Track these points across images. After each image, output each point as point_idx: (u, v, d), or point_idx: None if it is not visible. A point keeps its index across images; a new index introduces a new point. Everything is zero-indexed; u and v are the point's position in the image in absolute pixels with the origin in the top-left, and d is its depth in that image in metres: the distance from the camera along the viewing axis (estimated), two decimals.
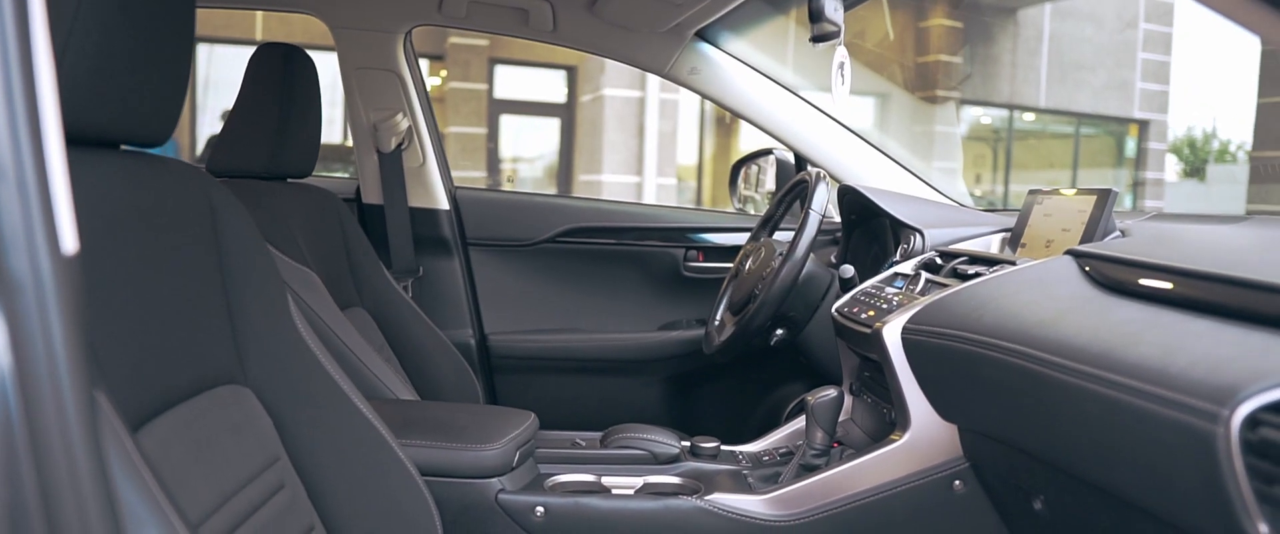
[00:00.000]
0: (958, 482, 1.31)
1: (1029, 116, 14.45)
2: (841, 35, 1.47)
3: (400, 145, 2.18)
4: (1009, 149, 14.33)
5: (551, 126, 12.56)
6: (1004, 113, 14.20)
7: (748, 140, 12.51)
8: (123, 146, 0.98)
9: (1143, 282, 1.05)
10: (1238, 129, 16.70)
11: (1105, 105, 14.22)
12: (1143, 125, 14.43)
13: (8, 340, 0.53)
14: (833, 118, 2.17)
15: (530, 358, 2.27)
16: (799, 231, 1.65)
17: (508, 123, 12.27)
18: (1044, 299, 1.13)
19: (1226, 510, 0.74)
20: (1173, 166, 15.89)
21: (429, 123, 2.24)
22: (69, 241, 0.55)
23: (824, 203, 1.70)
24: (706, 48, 2.15)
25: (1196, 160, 16.94)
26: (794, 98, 2.16)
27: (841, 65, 1.55)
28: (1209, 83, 17.04)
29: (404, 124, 2.16)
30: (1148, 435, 0.83)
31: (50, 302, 0.53)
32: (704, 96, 2.19)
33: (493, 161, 12.02)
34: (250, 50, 1.71)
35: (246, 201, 1.30)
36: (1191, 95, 16.02)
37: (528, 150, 12.86)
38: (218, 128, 7.72)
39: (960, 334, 1.18)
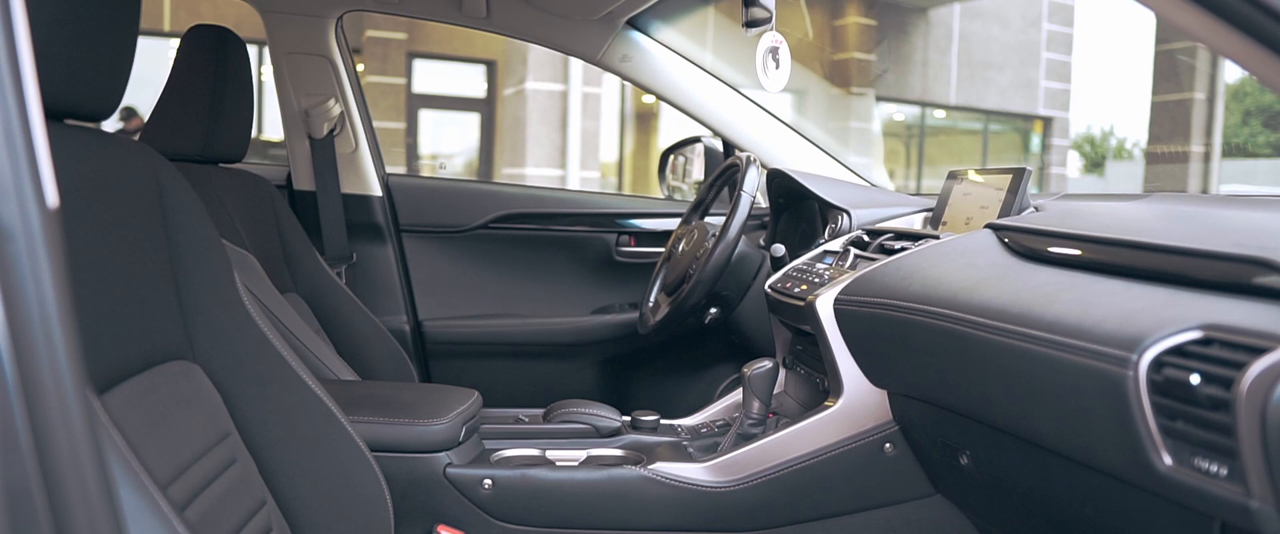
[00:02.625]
0: (888, 444, 1.38)
1: (940, 113, 14.89)
2: (773, 21, 1.53)
3: (332, 131, 2.17)
4: (921, 145, 14.75)
5: (472, 121, 12.46)
6: (916, 109, 14.61)
7: (666, 137, 12.61)
8: (67, 121, 0.98)
9: (1057, 249, 1.14)
10: (1134, 126, 17.49)
11: (1012, 103, 14.74)
12: (1047, 122, 15.01)
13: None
14: (759, 105, 2.23)
15: (465, 343, 2.29)
16: (732, 213, 1.71)
17: (427, 117, 12.13)
18: (967, 268, 1.21)
19: (1136, 446, 0.82)
20: (1075, 162, 16.55)
21: (361, 109, 2.24)
22: (51, 195, 0.57)
23: (755, 185, 1.75)
24: (637, 36, 2.19)
25: (1096, 156, 17.67)
26: (722, 86, 2.22)
27: (774, 50, 1.61)
28: (1108, 82, 17.79)
29: (336, 110, 2.15)
30: (1066, 383, 0.90)
31: (40, 250, 0.54)
32: (635, 84, 2.24)
33: (412, 157, 11.87)
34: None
35: None
36: (1092, 94, 16.70)
37: (448, 145, 12.74)
38: (116, 124, 7.46)
39: (890, 302, 1.24)
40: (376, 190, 2.26)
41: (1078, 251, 1.10)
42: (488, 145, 12.32)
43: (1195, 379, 0.76)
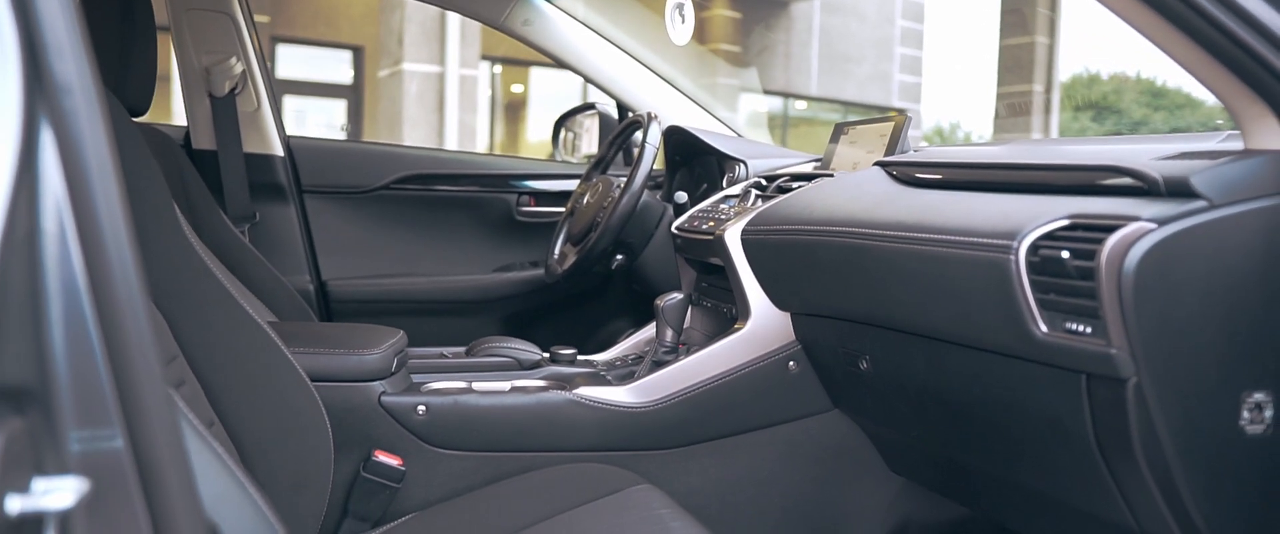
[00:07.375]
0: (792, 363, 1.52)
1: (802, 104, 15.44)
2: None
3: (234, 89, 2.16)
4: (784, 135, 15.26)
5: (339, 108, 12.17)
6: (779, 101, 15.11)
7: (537, 128, 12.68)
8: None
9: (939, 175, 1.30)
10: (979, 120, 18.56)
11: (869, 95, 15.42)
12: (901, 113, 15.76)
13: (56, 147, 0.59)
14: (652, 70, 2.34)
15: (369, 301, 2.32)
16: (636, 163, 1.81)
17: (291, 103, 11.78)
18: (862, 196, 1.35)
19: (1017, 319, 0.97)
20: None
21: (263, 67, 2.24)
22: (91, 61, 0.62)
23: (658, 138, 1.87)
24: (539, 1, 2.27)
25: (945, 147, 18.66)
26: (619, 51, 2.32)
27: (680, 6, 1.72)
28: (955, 77, 18.81)
29: (238, 68, 2.15)
30: (958, 275, 1.05)
31: (95, 104, 0.60)
32: (536, 49, 2.31)
33: None
34: None
35: None
36: (941, 88, 17.62)
37: (314, 132, 12.41)
38: None
39: (797, 227, 1.38)
40: (278, 150, 2.26)
41: (956, 176, 1.26)
42: (355, 133, 12.05)
43: (1065, 255, 0.92)
